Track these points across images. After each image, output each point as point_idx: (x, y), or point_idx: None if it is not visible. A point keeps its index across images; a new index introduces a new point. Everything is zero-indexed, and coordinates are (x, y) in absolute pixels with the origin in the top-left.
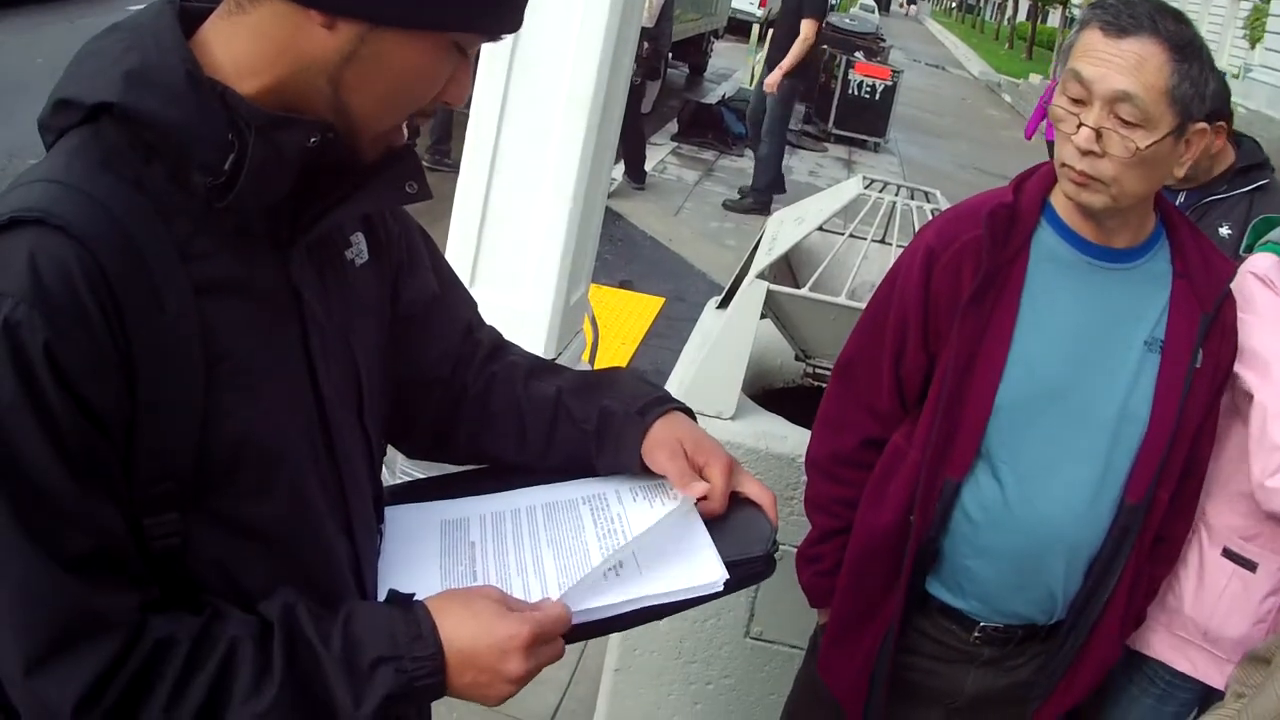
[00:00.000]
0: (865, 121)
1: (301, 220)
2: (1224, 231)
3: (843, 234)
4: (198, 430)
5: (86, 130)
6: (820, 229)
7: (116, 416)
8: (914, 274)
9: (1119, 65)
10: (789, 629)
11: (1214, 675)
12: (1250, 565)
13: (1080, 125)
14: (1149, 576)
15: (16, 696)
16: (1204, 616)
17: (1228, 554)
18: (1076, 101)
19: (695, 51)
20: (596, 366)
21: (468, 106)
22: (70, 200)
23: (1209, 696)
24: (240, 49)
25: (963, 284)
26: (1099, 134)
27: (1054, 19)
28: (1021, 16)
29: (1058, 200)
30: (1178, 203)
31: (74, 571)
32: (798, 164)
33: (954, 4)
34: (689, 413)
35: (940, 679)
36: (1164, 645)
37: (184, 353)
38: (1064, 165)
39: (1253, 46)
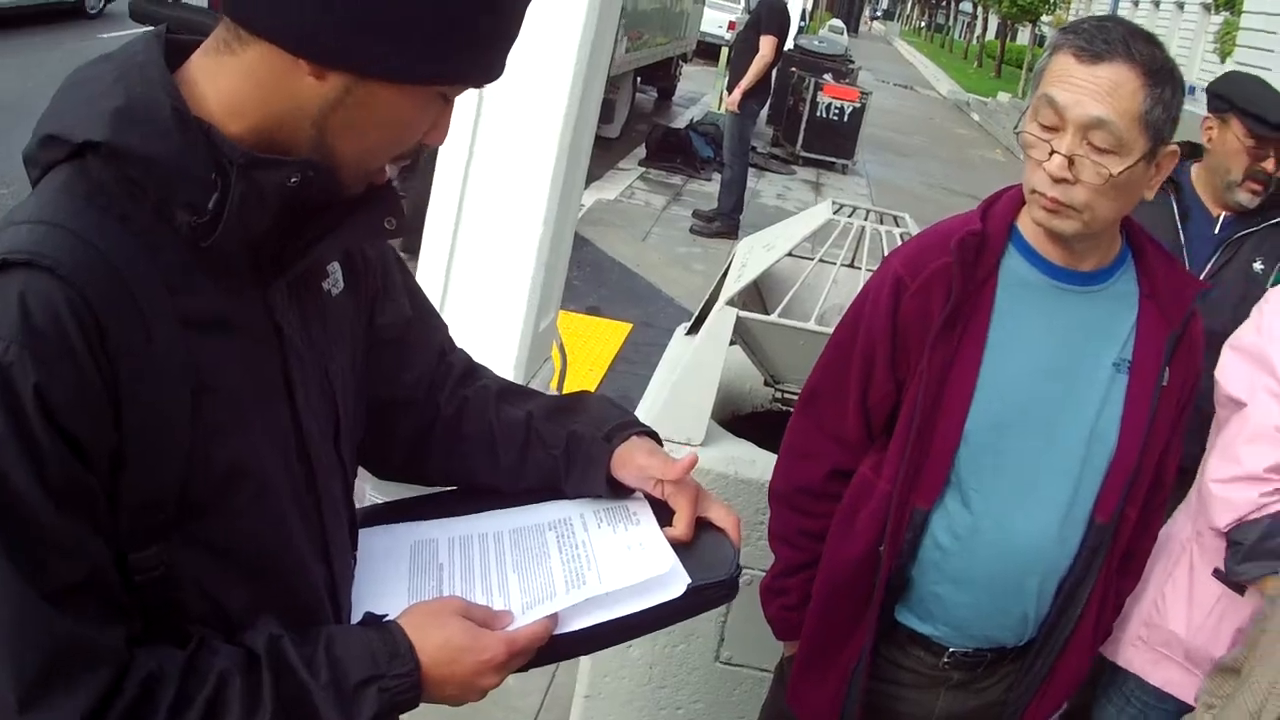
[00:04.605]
0: (833, 144)
1: (284, 255)
2: (1257, 267)
3: (811, 259)
4: (183, 461)
5: (73, 167)
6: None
7: (103, 452)
8: (882, 302)
9: (1093, 91)
10: (759, 653)
11: (1189, 692)
12: (1239, 588)
13: (1052, 152)
14: (1116, 591)
15: None
16: (1189, 635)
17: (1218, 574)
18: (1048, 128)
19: (664, 75)
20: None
21: None
22: (58, 240)
23: (1184, 713)
24: (227, 88)
25: (932, 312)
26: (1071, 161)
27: (1023, 37)
28: (990, 35)
29: (1024, 224)
30: (1214, 233)
31: (61, 605)
32: (766, 187)
33: (923, 23)
34: (655, 437)
35: (910, 704)
36: (1143, 660)
37: (170, 386)
38: (1034, 192)
39: (1223, 60)
